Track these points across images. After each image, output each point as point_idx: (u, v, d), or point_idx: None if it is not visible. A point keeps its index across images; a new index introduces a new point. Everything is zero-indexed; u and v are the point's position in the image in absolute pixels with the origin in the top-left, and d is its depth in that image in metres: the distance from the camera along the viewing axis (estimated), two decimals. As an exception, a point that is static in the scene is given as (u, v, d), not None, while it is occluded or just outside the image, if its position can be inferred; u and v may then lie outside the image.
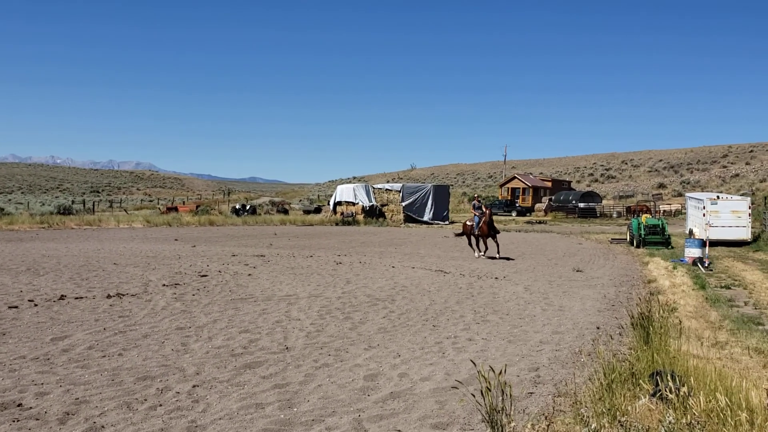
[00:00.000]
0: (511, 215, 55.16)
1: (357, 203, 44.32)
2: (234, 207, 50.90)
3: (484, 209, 21.21)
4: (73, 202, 59.66)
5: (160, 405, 5.86)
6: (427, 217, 44.17)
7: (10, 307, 10.35)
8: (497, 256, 20.48)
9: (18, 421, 5.37)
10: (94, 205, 56.41)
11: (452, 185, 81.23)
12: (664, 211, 50.66)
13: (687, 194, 33.66)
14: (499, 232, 21.33)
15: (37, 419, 5.42)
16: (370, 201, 44.49)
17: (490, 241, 21.02)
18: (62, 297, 11.46)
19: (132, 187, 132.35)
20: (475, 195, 26.05)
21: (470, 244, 21.72)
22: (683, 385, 4.39)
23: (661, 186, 75.01)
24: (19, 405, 5.74)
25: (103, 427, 5.31)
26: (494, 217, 55.82)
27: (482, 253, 20.89)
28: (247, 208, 50.03)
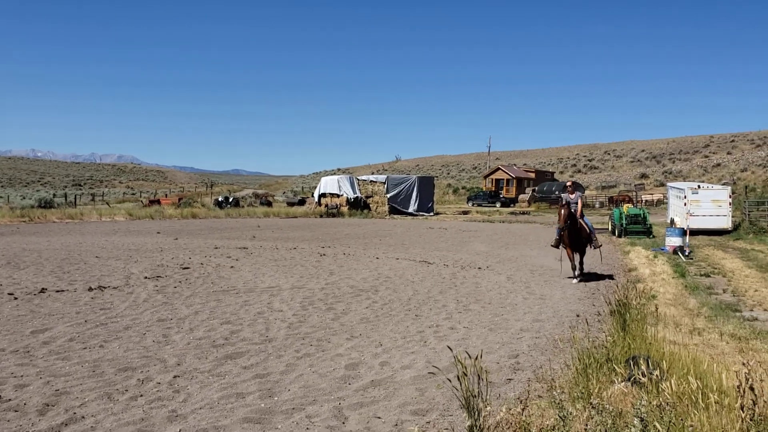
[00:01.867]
0: (495, 206, 55.43)
1: (341, 195, 44.30)
2: (217, 199, 50.68)
3: (569, 197, 14.31)
4: (54, 195, 59.14)
5: (141, 395, 5.88)
6: (412, 208, 44.24)
7: (-11, 301, 10.28)
8: (575, 275, 13.85)
9: (-3, 413, 5.36)
10: (75, 199, 55.95)
11: (437, 177, 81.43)
12: (646, 200, 51.10)
13: (668, 184, 33.97)
14: (592, 244, 14.27)
15: (16, 411, 5.42)
16: (355, 193, 44.49)
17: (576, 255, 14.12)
18: (43, 290, 11.40)
19: (114, 180, 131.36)
20: (568, 182, 15.58)
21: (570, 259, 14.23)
22: (656, 369, 4.47)
23: (644, 176, 75.61)
24: (-1, 397, 5.73)
25: (83, 417, 5.31)
26: (480, 209, 56.15)
27: (576, 277, 13.82)
28: (230, 200, 49.85)
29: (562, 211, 13.72)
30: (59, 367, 6.71)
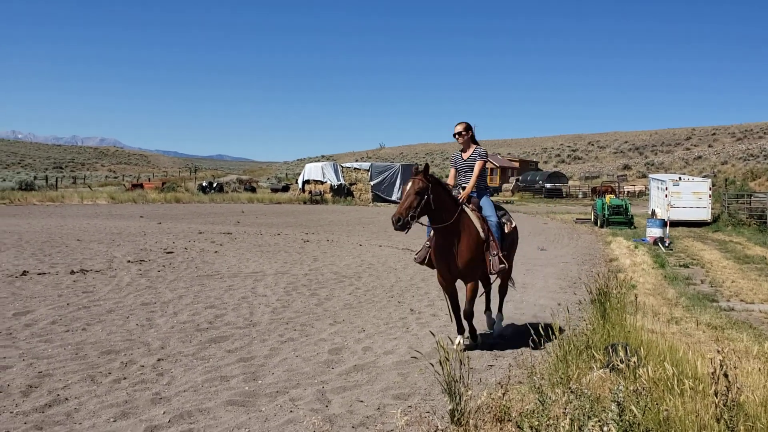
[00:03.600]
0: (478, 195, 55.64)
1: (325, 182, 44.25)
2: (201, 184, 50.44)
3: (459, 158, 7.85)
4: (35, 178, 58.52)
5: (125, 378, 5.90)
6: (395, 196, 44.30)
7: (-30, 283, 10.21)
8: (462, 339, 7.41)
9: (-20, 393, 5.36)
10: (57, 182, 55.42)
11: (420, 165, 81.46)
12: (628, 192, 51.56)
13: (650, 175, 34.30)
14: (491, 268, 7.12)
15: (0, 392, 5.42)
16: (339, 180, 44.46)
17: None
18: (24, 273, 11.33)
19: (96, 164, 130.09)
20: (458, 125, 7.69)
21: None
22: (634, 356, 4.57)
23: (626, 167, 76.21)
24: (-19, 378, 5.73)
25: (66, 399, 5.33)
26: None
27: (463, 339, 7.40)
28: (214, 185, 49.66)
29: (408, 185, 6.80)
30: (42, 350, 6.70)
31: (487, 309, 8.18)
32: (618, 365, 4.50)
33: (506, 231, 7.55)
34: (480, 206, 7.42)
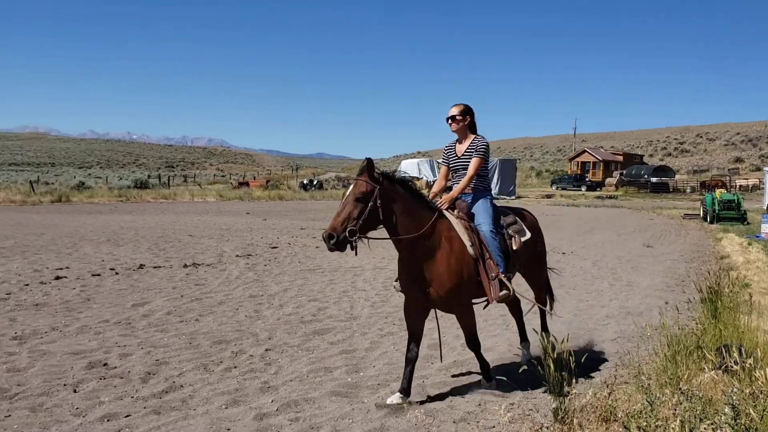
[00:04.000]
0: (580, 190, 54.23)
1: (421, 178, 44.35)
2: (302, 182, 51.85)
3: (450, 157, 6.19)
4: (149, 176, 61.87)
5: (235, 367, 6.18)
6: (492, 192, 43.92)
7: (93, 275, 10.94)
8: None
9: (104, 379, 5.75)
10: (169, 180, 58.30)
11: (519, 159, 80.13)
12: (741, 186, 48.85)
13: (765, 168, 32.36)
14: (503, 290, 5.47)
15: (121, 378, 5.80)
16: (435, 176, 44.46)
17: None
18: (141, 266, 12.03)
19: (205, 163, 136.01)
20: (452, 108, 5.78)
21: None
22: (749, 358, 4.37)
23: (738, 160, 72.15)
24: (105, 365, 6.15)
25: (182, 386, 5.64)
26: (564, 192, 54.52)
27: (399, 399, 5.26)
28: (315, 183, 50.92)
29: (348, 189, 5.22)
30: (158, 339, 7.11)
31: (523, 340, 6.59)
32: (732, 367, 4.31)
33: (514, 247, 5.73)
34: (471, 213, 5.78)
